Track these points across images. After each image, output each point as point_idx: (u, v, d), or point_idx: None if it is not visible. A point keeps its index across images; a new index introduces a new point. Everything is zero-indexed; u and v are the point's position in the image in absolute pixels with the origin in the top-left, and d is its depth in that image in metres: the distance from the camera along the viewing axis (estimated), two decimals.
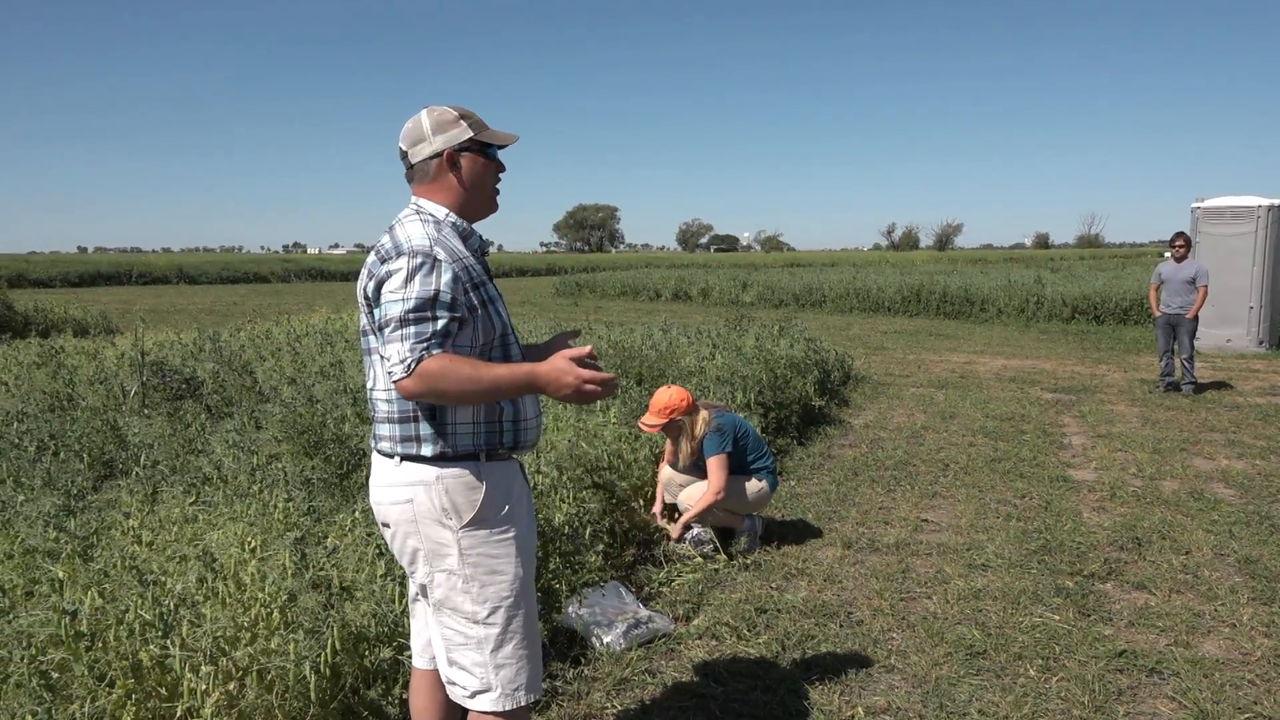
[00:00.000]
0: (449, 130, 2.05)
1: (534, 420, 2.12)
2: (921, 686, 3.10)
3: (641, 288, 26.48)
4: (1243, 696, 3.03)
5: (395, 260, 1.92)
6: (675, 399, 4.31)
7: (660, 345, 7.80)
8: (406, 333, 1.85)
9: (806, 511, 5.06)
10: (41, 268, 38.57)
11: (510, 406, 2.05)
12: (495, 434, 2.04)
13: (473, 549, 2.00)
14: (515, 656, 2.06)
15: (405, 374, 1.83)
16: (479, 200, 2.12)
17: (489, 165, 2.12)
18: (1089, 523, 4.85)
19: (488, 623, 2.03)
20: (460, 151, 2.06)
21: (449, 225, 2.05)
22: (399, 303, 1.87)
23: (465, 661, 2.05)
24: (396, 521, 2.02)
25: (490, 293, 2.04)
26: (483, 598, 2.02)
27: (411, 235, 1.95)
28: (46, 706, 2.21)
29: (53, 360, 7.57)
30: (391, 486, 2.02)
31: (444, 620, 2.06)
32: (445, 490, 1.97)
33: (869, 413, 8.03)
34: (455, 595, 2.02)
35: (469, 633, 2.03)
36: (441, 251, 1.92)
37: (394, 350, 1.86)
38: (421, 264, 1.89)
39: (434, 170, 2.07)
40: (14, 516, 3.64)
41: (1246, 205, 11.97)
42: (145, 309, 20.91)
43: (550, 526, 3.59)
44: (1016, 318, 17.42)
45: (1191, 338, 8.80)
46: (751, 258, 73.35)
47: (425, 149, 2.06)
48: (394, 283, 1.90)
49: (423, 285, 1.88)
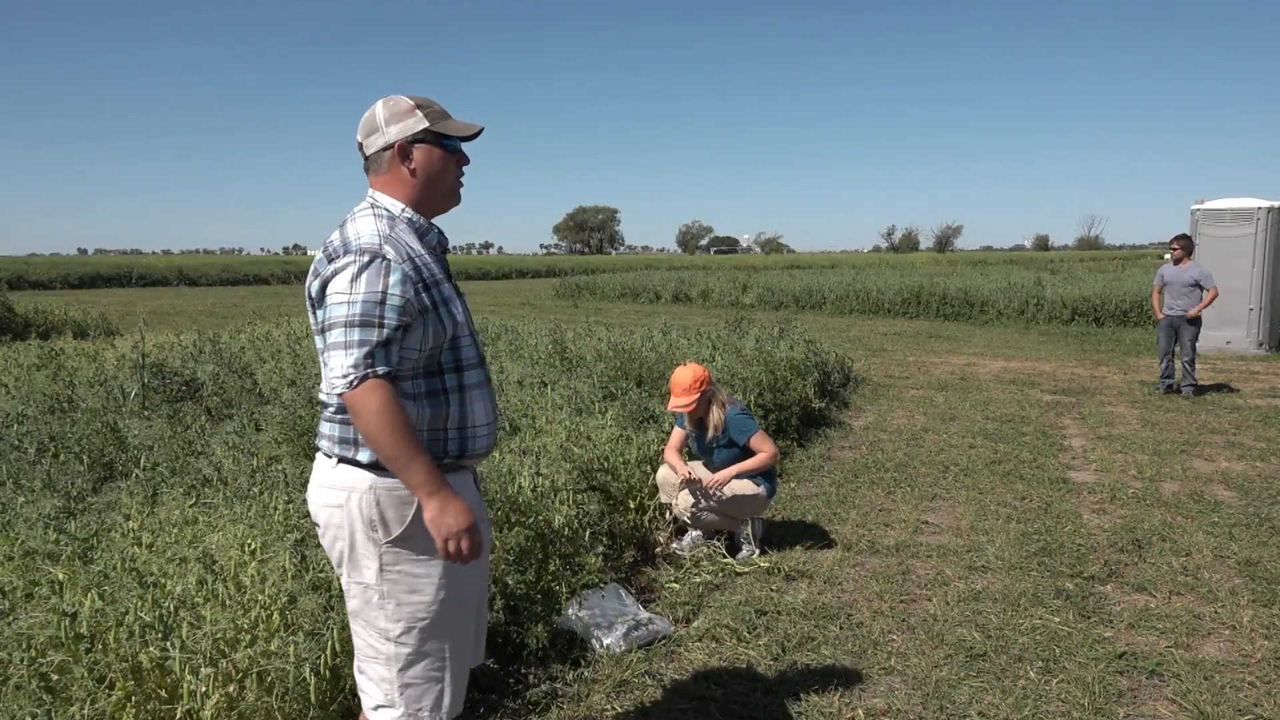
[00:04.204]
0: (403, 120, 1.96)
1: (484, 427, 2.03)
2: (922, 688, 3.10)
3: (641, 290, 26.50)
4: (1243, 698, 3.03)
5: (341, 259, 1.84)
6: (700, 372, 4.31)
7: (660, 347, 7.80)
8: (351, 339, 1.78)
9: (806, 513, 5.06)
10: (41, 269, 38.56)
11: (457, 411, 1.96)
12: (439, 442, 1.95)
13: (394, 565, 1.91)
14: (425, 678, 1.96)
15: (348, 389, 1.77)
16: (436, 194, 2.02)
17: (447, 157, 2.01)
18: (1089, 525, 4.85)
19: (399, 641, 1.94)
20: (414, 143, 1.96)
21: (404, 221, 1.96)
22: (344, 305, 1.80)
23: (372, 674, 1.98)
24: (326, 524, 1.95)
25: (445, 293, 1.95)
26: (397, 616, 1.93)
27: (361, 232, 1.87)
28: (46, 708, 2.21)
29: (53, 362, 7.58)
30: (326, 488, 1.94)
31: (356, 630, 1.99)
32: (376, 500, 1.89)
33: (869, 415, 8.03)
34: (369, 610, 1.94)
35: (379, 647, 1.95)
36: (391, 250, 1.84)
37: (337, 360, 1.79)
38: (369, 263, 1.81)
39: (388, 163, 1.98)
40: (14, 518, 3.64)
41: (1246, 207, 11.98)
42: (145, 311, 20.91)
43: (549, 528, 3.59)
44: (1016, 320, 17.43)
45: (1193, 340, 8.80)
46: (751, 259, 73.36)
47: (379, 140, 1.98)
48: (339, 283, 1.82)
49: (369, 287, 1.80)
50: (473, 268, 54.85)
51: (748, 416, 4.38)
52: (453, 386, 1.96)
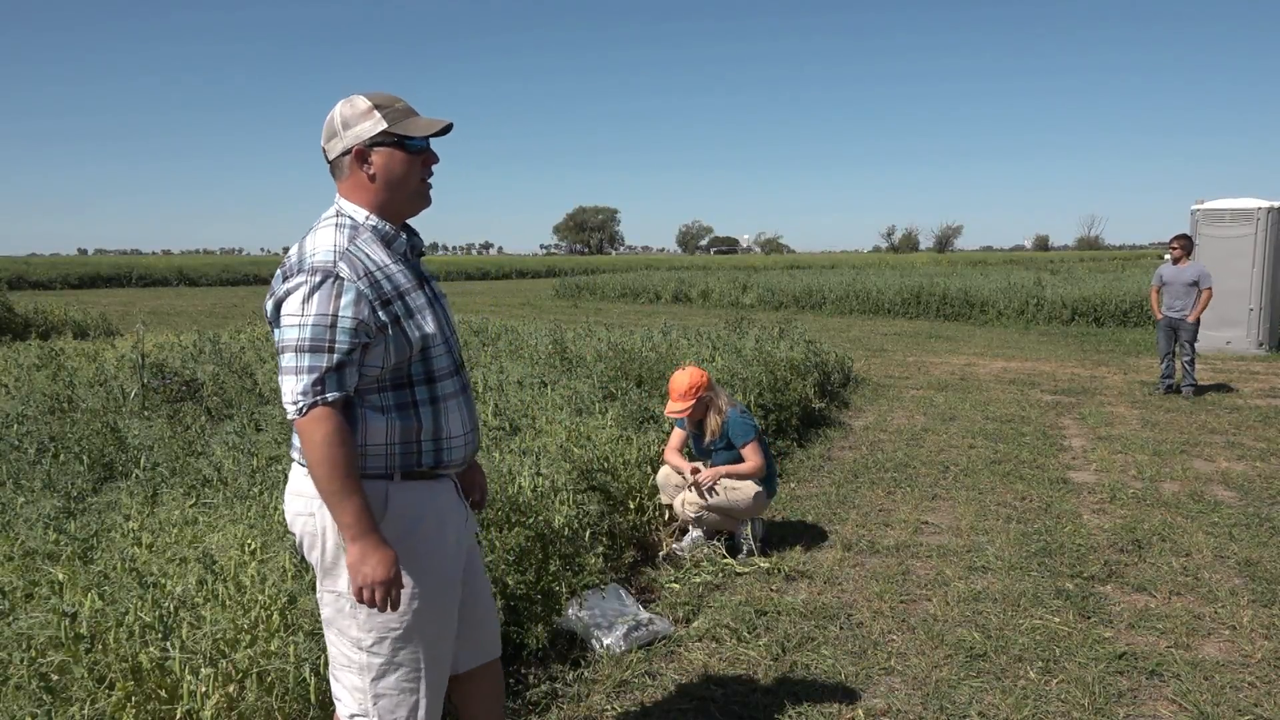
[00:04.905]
0: (360, 124, 1.87)
1: (460, 438, 1.97)
2: (922, 688, 3.10)
3: (641, 290, 26.50)
4: (1243, 699, 3.03)
5: (295, 278, 1.78)
6: (697, 378, 4.32)
7: (660, 348, 7.80)
8: (301, 365, 1.74)
9: (806, 514, 5.06)
10: (41, 270, 38.59)
11: (430, 423, 1.91)
12: (412, 454, 1.90)
13: None
14: (399, 688, 1.93)
15: (298, 415, 1.74)
16: (400, 198, 1.92)
17: (410, 159, 1.90)
18: (1089, 525, 4.85)
19: (372, 651, 1.91)
20: (372, 146, 1.87)
21: (369, 230, 1.88)
22: (295, 328, 1.75)
23: (346, 683, 1.95)
24: (300, 533, 1.93)
25: (414, 303, 1.88)
26: (369, 625, 1.89)
27: (318, 248, 1.81)
28: (46, 709, 2.21)
29: (53, 362, 7.58)
30: (299, 496, 1.91)
31: (330, 638, 1.96)
32: None
33: (869, 415, 8.03)
34: (342, 618, 1.91)
35: (352, 656, 1.92)
36: (345, 268, 1.78)
37: (288, 385, 1.75)
38: (320, 283, 1.75)
39: (348, 168, 1.89)
40: (14, 518, 3.64)
41: (1246, 208, 11.98)
42: (145, 311, 20.92)
43: (549, 529, 3.59)
44: (1016, 320, 17.43)
45: (1193, 340, 8.80)
46: (751, 260, 73.39)
47: (338, 145, 1.89)
48: (291, 304, 1.77)
49: (320, 309, 1.74)
50: (473, 268, 54.90)
51: (748, 420, 4.37)
52: (424, 399, 1.91)
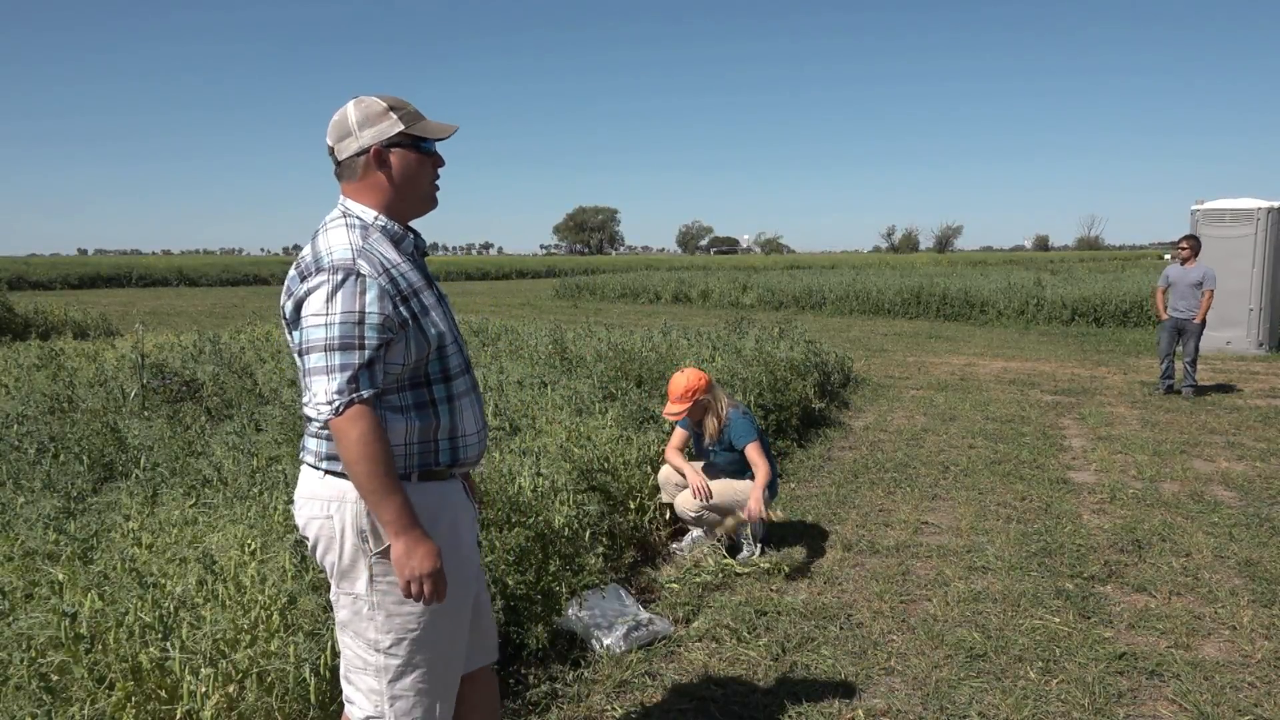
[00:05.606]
0: (377, 124, 1.89)
1: (474, 436, 2.00)
2: (922, 689, 3.10)
3: (641, 290, 26.50)
4: (1243, 699, 3.03)
5: (315, 277, 1.78)
6: (694, 380, 4.33)
7: (660, 348, 7.80)
8: (333, 364, 1.73)
9: (806, 513, 5.06)
10: (41, 270, 38.58)
11: (447, 421, 1.93)
12: (430, 453, 1.92)
13: (384, 576, 1.88)
14: (414, 690, 1.94)
15: (334, 415, 1.73)
16: (413, 199, 1.95)
17: (423, 160, 1.94)
18: (1089, 525, 4.85)
19: (389, 653, 1.91)
20: (389, 147, 1.90)
21: (378, 230, 1.89)
22: (321, 328, 1.74)
23: (361, 685, 1.95)
24: (315, 536, 1.92)
25: (426, 301, 1.90)
26: (387, 627, 1.90)
27: (333, 246, 1.81)
28: (46, 709, 2.21)
29: (53, 362, 7.59)
30: (314, 500, 1.90)
31: (345, 641, 1.96)
32: (365, 511, 1.85)
33: (869, 415, 8.03)
34: (359, 621, 1.91)
35: (368, 659, 1.93)
36: (365, 265, 1.79)
37: (320, 385, 1.74)
38: (343, 281, 1.75)
39: (361, 168, 1.90)
40: (14, 519, 3.63)
41: (1246, 208, 11.98)
42: (145, 311, 20.93)
43: (549, 529, 3.59)
44: (1016, 320, 17.43)
45: (1197, 341, 8.78)
46: (751, 260, 73.37)
47: (352, 145, 1.90)
48: (314, 304, 1.76)
49: (345, 306, 1.74)
50: (473, 268, 54.85)
51: (748, 420, 4.38)
52: (441, 397, 1.93)
